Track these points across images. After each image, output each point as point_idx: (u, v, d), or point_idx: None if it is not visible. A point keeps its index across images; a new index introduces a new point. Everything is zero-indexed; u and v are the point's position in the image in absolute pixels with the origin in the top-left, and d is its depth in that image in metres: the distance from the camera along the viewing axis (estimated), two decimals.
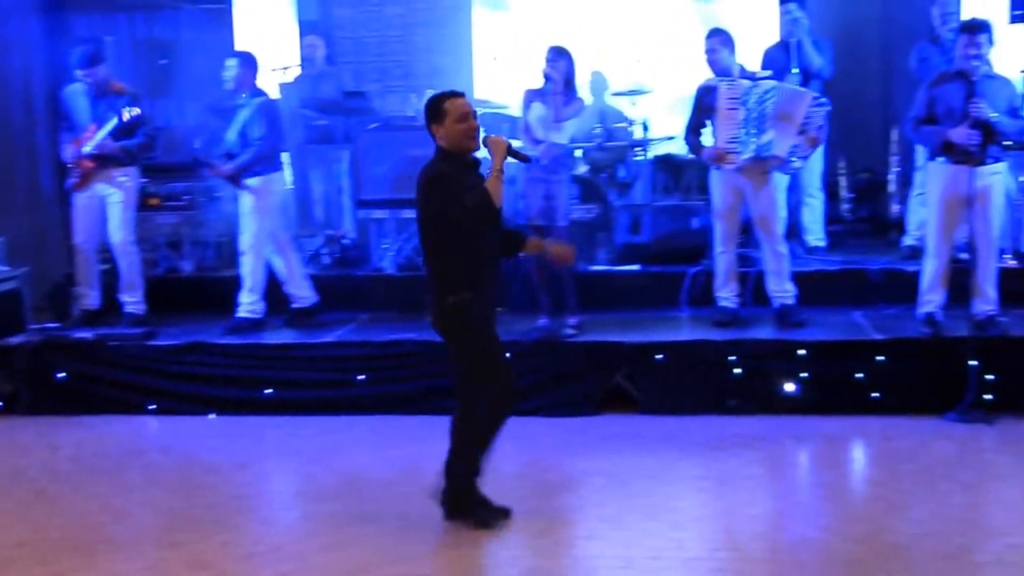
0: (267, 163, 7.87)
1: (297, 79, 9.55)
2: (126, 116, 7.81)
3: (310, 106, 9.29)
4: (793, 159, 7.27)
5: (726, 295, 7.58)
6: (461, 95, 5.21)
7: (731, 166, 7.28)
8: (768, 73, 7.53)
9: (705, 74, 7.56)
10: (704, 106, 7.40)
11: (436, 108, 5.12)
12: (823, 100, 7.25)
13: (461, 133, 5.08)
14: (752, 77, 7.39)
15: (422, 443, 6.59)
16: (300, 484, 6.27)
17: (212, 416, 7.35)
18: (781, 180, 7.76)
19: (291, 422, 7.13)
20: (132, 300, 8.10)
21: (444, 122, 5.08)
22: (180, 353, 7.59)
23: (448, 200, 4.97)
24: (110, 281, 8.26)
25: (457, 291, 5.06)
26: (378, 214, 8.85)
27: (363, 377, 7.31)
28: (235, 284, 8.05)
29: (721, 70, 7.39)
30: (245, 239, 7.90)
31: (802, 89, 7.48)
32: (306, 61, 9.73)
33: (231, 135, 7.82)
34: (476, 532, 5.20)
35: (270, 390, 7.37)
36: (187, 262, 9.08)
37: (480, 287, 5.10)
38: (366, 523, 5.34)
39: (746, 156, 7.20)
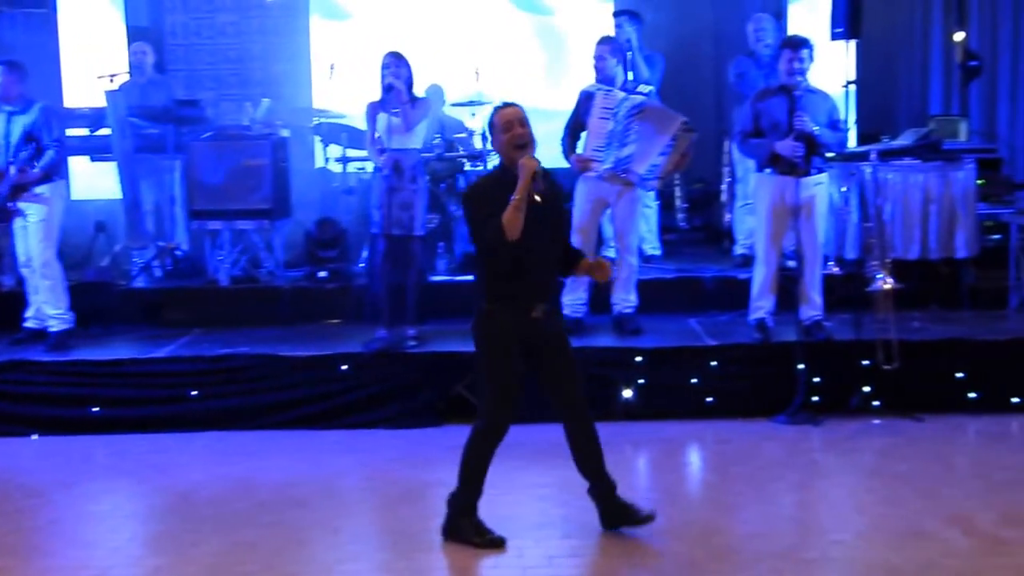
0: (57, 170, 7.65)
1: (125, 86, 9.26)
2: None
3: (139, 114, 9.01)
4: (650, 178, 7.33)
5: (571, 302, 7.64)
6: (511, 105, 5.06)
7: (593, 175, 7.34)
8: (648, 89, 7.61)
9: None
10: (582, 111, 7.41)
11: (489, 124, 5.07)
12: (692, 128, 7.26)
13: (507, 143, 4.93)
14: (630, 90, 7.45)
15: (256, 459, 6.48)
16: (128, 505, 6.05)
17: (34, 437, 7.02)
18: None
19: (120, 440, 6.87)
20: None
21: (496, 135, 5.00)
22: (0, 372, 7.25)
23: (473, 216, 4.94)
24: None
25: (491, 300, 4.99)
26: (212, 225, 8.67)
27: (196, 392, 7.11)
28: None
29: (605, 78, 7.41)
30: (46, 252, 7.62)
31: (674, 113, 7.40)
32: (135, 68, 9.44)
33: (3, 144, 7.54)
34: (314, 549, 5.11)
35: (97, 408, 7.09)
36: (7, 277, 8.67)
37: (512, 299, 4.95)
38: (197, 543, 5.18)
39: (605, 167, 7.28)
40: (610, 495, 5.18)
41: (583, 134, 7.45)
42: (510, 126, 4.93)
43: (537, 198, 4.86)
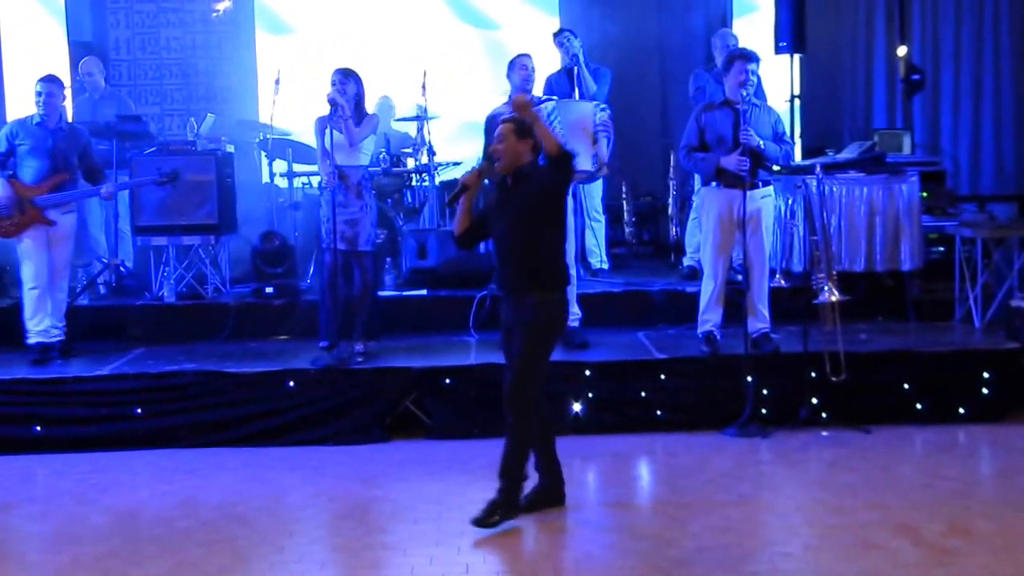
0: None
1: (79, 102, 9.17)
2: None
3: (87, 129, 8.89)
4: (600, 167, 7.37)
5: None
6: (506, 118, 5.52)
7: None
8: (553, 99, 7.63)
9: (489, 99, 7.63)
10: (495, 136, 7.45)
11: None
12: (603, 105, 7.43)
13: None
14: (536, 101, 7.47)
15: (201, 477, 6.40)
16: (71, 525, 5.90)
17: None
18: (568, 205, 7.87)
19: (62, 460, 6.75)
20: None
21: None
22: None
23: None
24: None
25: None
26: (157, 241, 8.57)
27: (140, 410, 7.00)
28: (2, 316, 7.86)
29: (528, 91, 7.49)
30: (68, 267, 7.73)
31: (582, 101, 7.54)
32: (88, 84, 9.31)
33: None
34: (259, 568, 5.06)
35: (39, 427, 6.96)
36: None
37: (499, 285, 5.74)
38: (140, 563, 5.09)
39: None
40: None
41: None
42: (496, 138, 5.46)
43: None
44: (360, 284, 7.40)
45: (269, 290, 8.51)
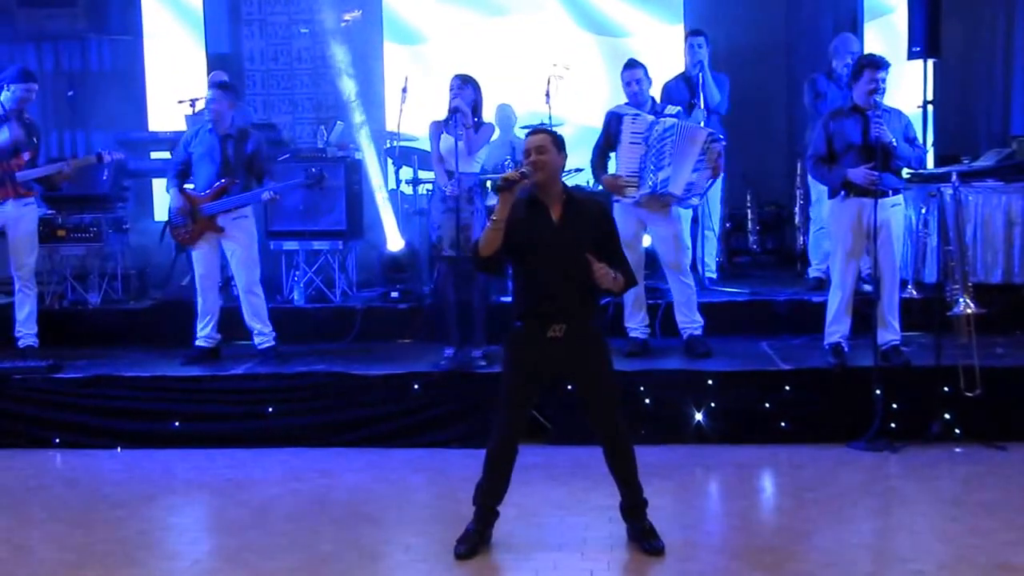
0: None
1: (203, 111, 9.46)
2: None
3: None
4: (691, 196, 7.34)
5: (635, 325, 7.63)
6: (537, 130, 5.21)
7: (630, 200, 7.34)
8: (676, 110, 7.58)
9: (611, 105, 7.63)
10: (611, 132, 7.44)
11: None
12: (718, 136, 7.32)
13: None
14: (659, 112, 7.46)
15: (330, 476, 6.55)
16: (208, 518, 6.15)
17: (119, 450, 7.18)
18: (685, 213, 7.83)
19: (199, 455, 6.99)
20: (29, 332, 7.90)
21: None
22: (86, 386, 7.42)
23: None
24: None
25: (517, 317, 5.16)
26: (288, 245, 8.80)
27: (272, 409, 7.21)
28: (144, 316, 8.13)
29: (639, 103, 7.46)
30: (256, 272, 7.79)
31: (699, 127, 7.43)
32: None
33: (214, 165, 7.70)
34: (387, 565, 5.15)
35: (177, 423, 7.23)
36: (94, 295, 8.90)
37: (532, 318, 5.09)
38: (274, 557, 5.24)
39: (643, 192, 7.27)
40: (633, 513, 5.29)
41: (612, 155, 7.49)
42: (528, 153, 5.10)
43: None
44: (475, 289, 7.48)
45: (394, 294, 8.68)
